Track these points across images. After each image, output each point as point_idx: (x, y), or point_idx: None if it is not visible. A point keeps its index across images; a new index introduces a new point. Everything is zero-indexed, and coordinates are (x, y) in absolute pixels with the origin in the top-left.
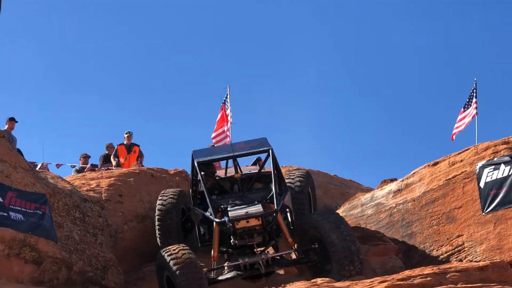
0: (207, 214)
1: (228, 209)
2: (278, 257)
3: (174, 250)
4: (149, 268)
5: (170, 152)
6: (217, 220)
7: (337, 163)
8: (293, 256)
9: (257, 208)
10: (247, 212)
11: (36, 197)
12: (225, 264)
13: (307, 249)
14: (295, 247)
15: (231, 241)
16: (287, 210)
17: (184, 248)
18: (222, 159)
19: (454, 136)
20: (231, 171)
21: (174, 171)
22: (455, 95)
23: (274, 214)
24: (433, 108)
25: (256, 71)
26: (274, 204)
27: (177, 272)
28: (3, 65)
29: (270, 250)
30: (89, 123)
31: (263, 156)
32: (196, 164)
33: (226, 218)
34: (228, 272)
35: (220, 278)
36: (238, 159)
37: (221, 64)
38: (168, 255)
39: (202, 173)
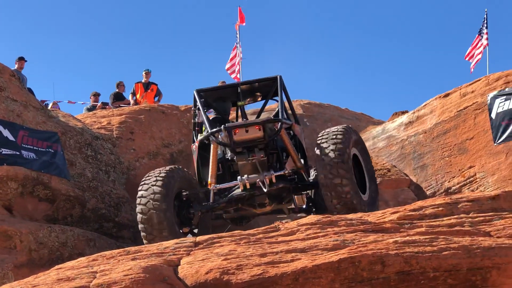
0: (203, 134)
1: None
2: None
3: (151, 174)
4: None
5: (183, 89)
6: (212, 130)
7: (348, 96)
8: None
9: (258, 120)
10: (246, 121)
11: (47, 135)
12: (212, 187)
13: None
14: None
15: (229, 155)
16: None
17: (162, 172)
18: (224, 87)
19: (472, 69)
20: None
21: (184, 107)
22: (465, 25)
23: (279, 124)
24: (443, 39)
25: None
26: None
27: (139, 209)
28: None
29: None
30: (99, 61)
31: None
32: (195, 93)
33: (222, 127)
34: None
35: (214, 203)
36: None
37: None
38: (142, 180)
39: (202, 99)
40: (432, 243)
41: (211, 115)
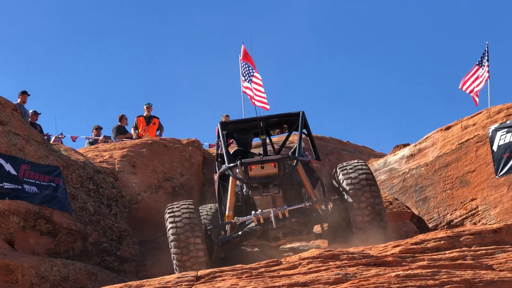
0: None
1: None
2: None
3: (177, 205)
4: (164, 239)
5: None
6: (229, 165)
7: (349, 130)
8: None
9: (274, 157)
10: (262, 157)
11: (49, 169)
12: (234, 220)
13: (326, 198)
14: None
15: (244, 190)
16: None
17: (190, 204)
18: (248, 120)
19: (476, 100)
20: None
21: (186, 140)
22: (466, 58)
23: (295, 162)
24: (444, 72)
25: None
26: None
27: (172, 238)
28: (16, 39)
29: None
30: (101, 95)
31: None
32: (219, 125)
33: (237, 162)
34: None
35: (230, 237)
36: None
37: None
38: (167, 213)
39: (224, 132)
40: (434, 277)
41: (234, 146)
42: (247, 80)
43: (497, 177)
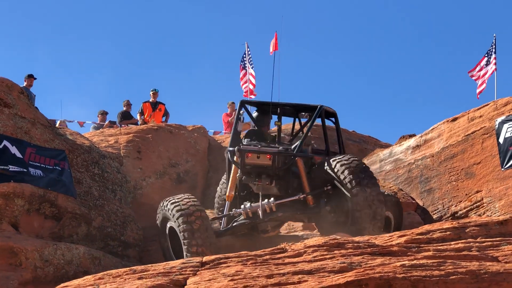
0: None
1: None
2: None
3: (178, 198)
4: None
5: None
6: (230, 148)
7: (355, 120)
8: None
9: (273, 149)
10: (261, 147)
11: (55, 153)
12: (227, 212)
13: (318, 192)
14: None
15: (238, 175)
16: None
17: (189, 197)
18: (267, 104)
19: (479, 95)
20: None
21: (192, 127)
22: (474, 50)
23: (291, 157)
24: (452, 63)
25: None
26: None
27: (182, 221)
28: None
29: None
30: (107, 80)
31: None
32: (239, 102)
33: (235, 148)
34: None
35: (224, 229)
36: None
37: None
38: (172, 204)
39: (242, 111)
40: (439, 267)
41: (250, 125)
42: (250, 67)
43: (502, 169)
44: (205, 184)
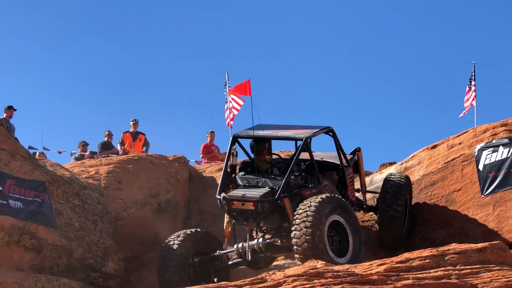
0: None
1: (235, 189)
2: (278, 243)
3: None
4: (150, 255)
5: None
6: (218, 196)
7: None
8: None
9: (257, 193)
10: (245, 195)
11: (35, 184)
12: (224, 248)
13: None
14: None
15: (227, 221)
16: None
17: (183, 234)
18: (260, 136)
19: (462, 114)
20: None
21: (173, 157)
22: (453, 78)
23: (271, 203)
24: (431, 92)
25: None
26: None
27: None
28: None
29: None
30: (87, 111)
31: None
32: (232, 137)
33: (221, 196)
34: (232, 259)
35: (223, 264)
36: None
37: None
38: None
39: (234, 146)
40: None
41: (241, 160)
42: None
43: (482, 196)
44: (187, 214)
